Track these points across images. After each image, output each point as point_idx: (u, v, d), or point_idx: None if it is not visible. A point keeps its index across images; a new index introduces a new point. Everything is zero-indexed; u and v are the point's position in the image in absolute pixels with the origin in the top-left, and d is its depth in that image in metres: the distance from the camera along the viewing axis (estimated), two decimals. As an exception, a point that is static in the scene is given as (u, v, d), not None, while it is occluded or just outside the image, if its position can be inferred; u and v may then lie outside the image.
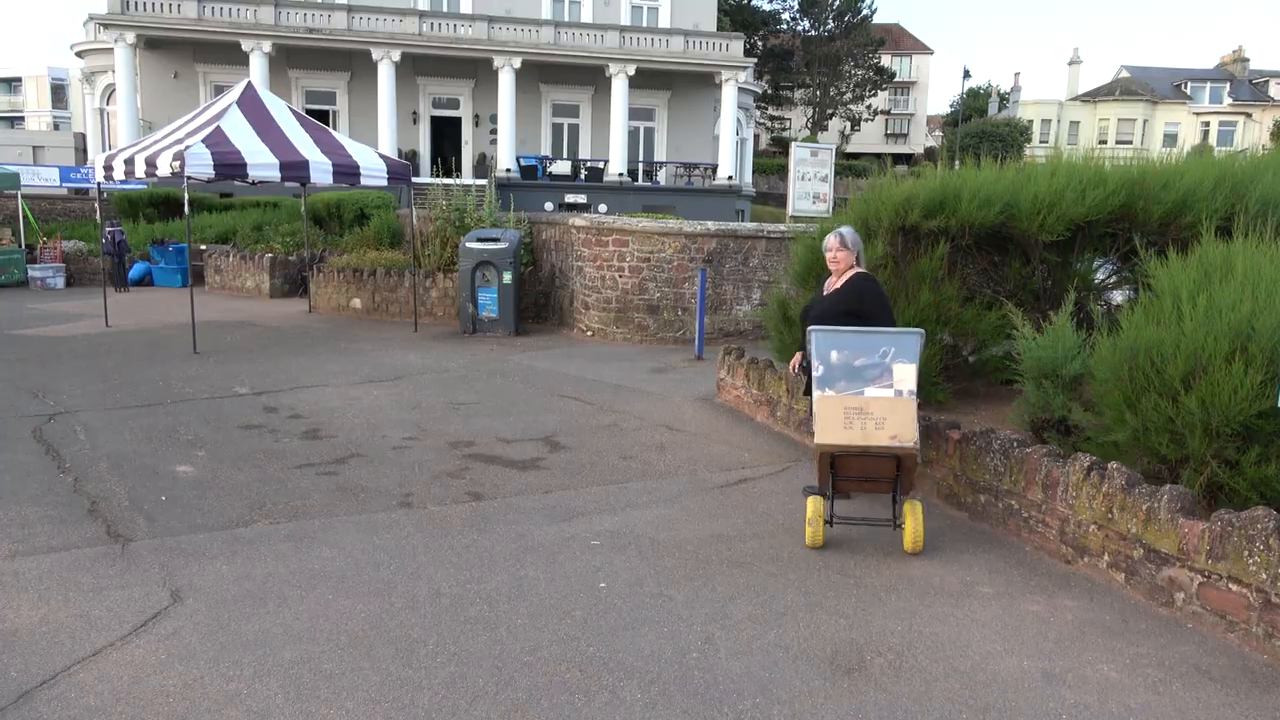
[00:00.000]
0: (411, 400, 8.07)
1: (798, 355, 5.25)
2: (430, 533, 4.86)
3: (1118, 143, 53.38)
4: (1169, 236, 6.30)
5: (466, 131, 32.34)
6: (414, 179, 13.52)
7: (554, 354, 10.77)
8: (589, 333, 11.99)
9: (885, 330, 4.64)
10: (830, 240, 5.12)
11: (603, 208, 28.34)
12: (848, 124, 53.97)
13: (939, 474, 5.43)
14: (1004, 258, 6.90)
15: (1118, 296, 7.17)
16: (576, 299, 12.36)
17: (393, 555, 4.54)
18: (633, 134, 32.75)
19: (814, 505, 4.70)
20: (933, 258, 6.59)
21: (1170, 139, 54.62)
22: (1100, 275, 7.06)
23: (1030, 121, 54.19)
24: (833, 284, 5.18)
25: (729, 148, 32.12)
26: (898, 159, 57.46)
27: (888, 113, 61.61)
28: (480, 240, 12.00)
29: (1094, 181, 6.41)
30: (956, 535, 4.96)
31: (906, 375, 4.57)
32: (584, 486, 5.73)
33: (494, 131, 31.42)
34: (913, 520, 4.59)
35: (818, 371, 4.64)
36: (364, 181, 11.72)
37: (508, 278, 11.88)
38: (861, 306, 4.95)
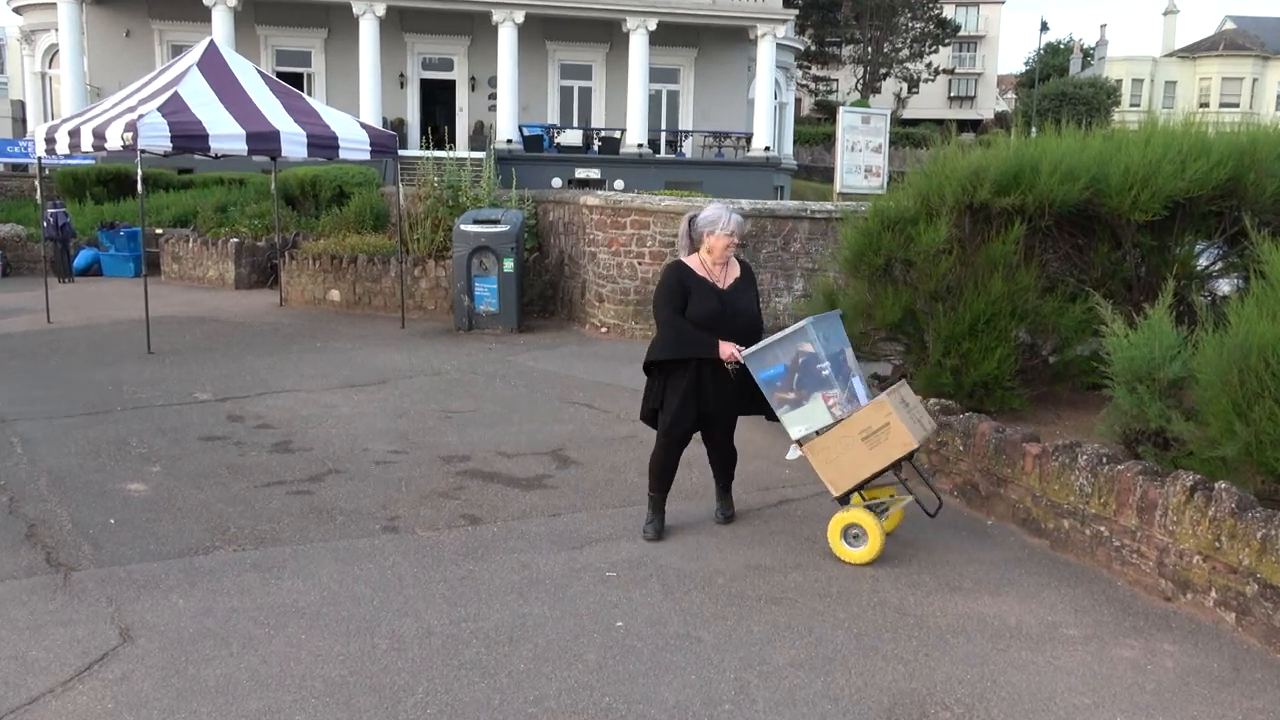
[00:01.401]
0: (398, 407, 8.09)
1: (733, 348, 4.96)
2: (419, 562, 4.85)
3: (1222, 105, 52.84)
4: (1286, 215, 6.22)
5: (461, 97, 32.45)
6: (401, 152, 13.55)
7: (562, 353, 10.76)
8: (603, 329, 11.98)
9: (795, 327, 4.85)
10: (736, 224, 5.11)
11: (619, 184, 28.35)
12: (904, 85, 53.73)
13: (1014, 495, 5.37)
14: (1090, 241, 6.83)
15: (1224, 286, 7.08)
16: (589, 290, 12.35)
17: (376, 588, 4.53)
18: (654, 99, 32.74)
19: (866, 516, 4.86)
20: (1006, 241, 6.53)
21: (1285, 101, 54.01)
22: (1203, 261, 6.98)
23: (1119, 81, 53.75)
24: (726, 275, 5.13)
25: (766, 114, 32.06)
26: (963, 125, 57.13)
27: (951, 72, 61.28)
28: (477, 222, 12.02)
29: (1195, 151, 6.34)
30: (1036, 567, 4.90)
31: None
32: (598, 508, 5.71)
33: (493, 97, 31.51)
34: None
35: (791, 409, 4.88)
36: (343, 155, 11.76)
37: (509, 265, 11.90)
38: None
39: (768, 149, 32.01)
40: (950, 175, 6.72)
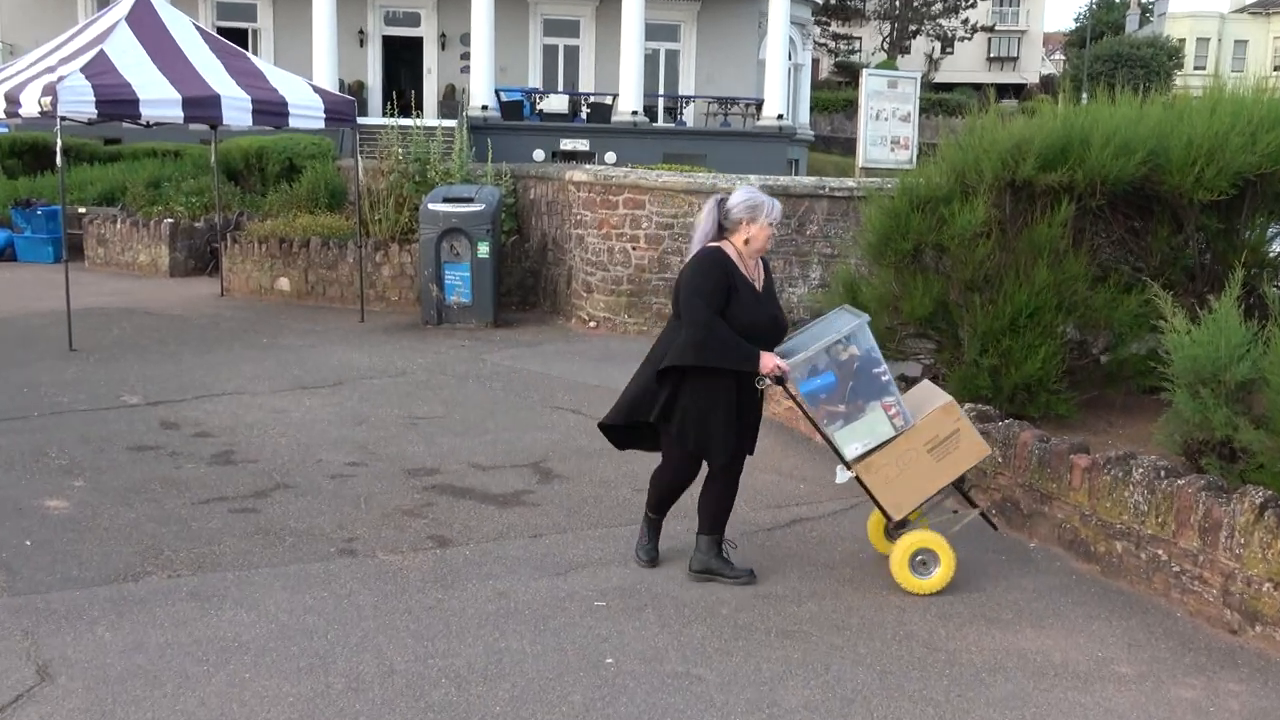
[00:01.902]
0: (356, 413, 8.09)
1: (776, 359, 4.77)
2: (380, 590, 4.86)
3: (1300, 68, 52.94)
4: (1371, 195, 6.25)
5: (430, 57, 32.42)
6: (360, 119, 13.52)
7: (545, 351, 10.77)
8: (592, 322, 12.00)
9: (846, 329, 4.79)
10: (780, 211, 4.97)
11: (610, 157, 28.36)
12: (936, 45, 53.83)
13: (1060, 513, 5.40)
14: (1147, 223, 6.86)
15: (1301, 275, 7.11)
16: (575, 278, 12.36)
17: (330, 620, 4.54)
18: (650, 59, 32.74)
19: (937, 538, 4.90)
20: (1052, 223, 6.56)
21: (1371, 63, 54.16)
22: (1277, 247, 7.01)
23: (1181, 41, 53.89)
24: (758, 272, 4.97)
25: (778, 77, 32.05)
26: (1004, 91, 57.20)
27: (991, 29, 61.42)
28: (448, 201, 12.01)
29: (1269, 121, 6.37)
30: (1084, 595, 4.92)
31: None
32: (585, 529, 5.72)
33: (466, 57, 31.49)
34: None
35: (845, 424, 4.80)
36: (294, 123, 11.72)
37: (484, 250, 11.89)
38: None
39: (780, 117, 32.00)
40: (989, 148, 6.75)
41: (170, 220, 16.69)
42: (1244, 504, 4.44)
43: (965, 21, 53.46)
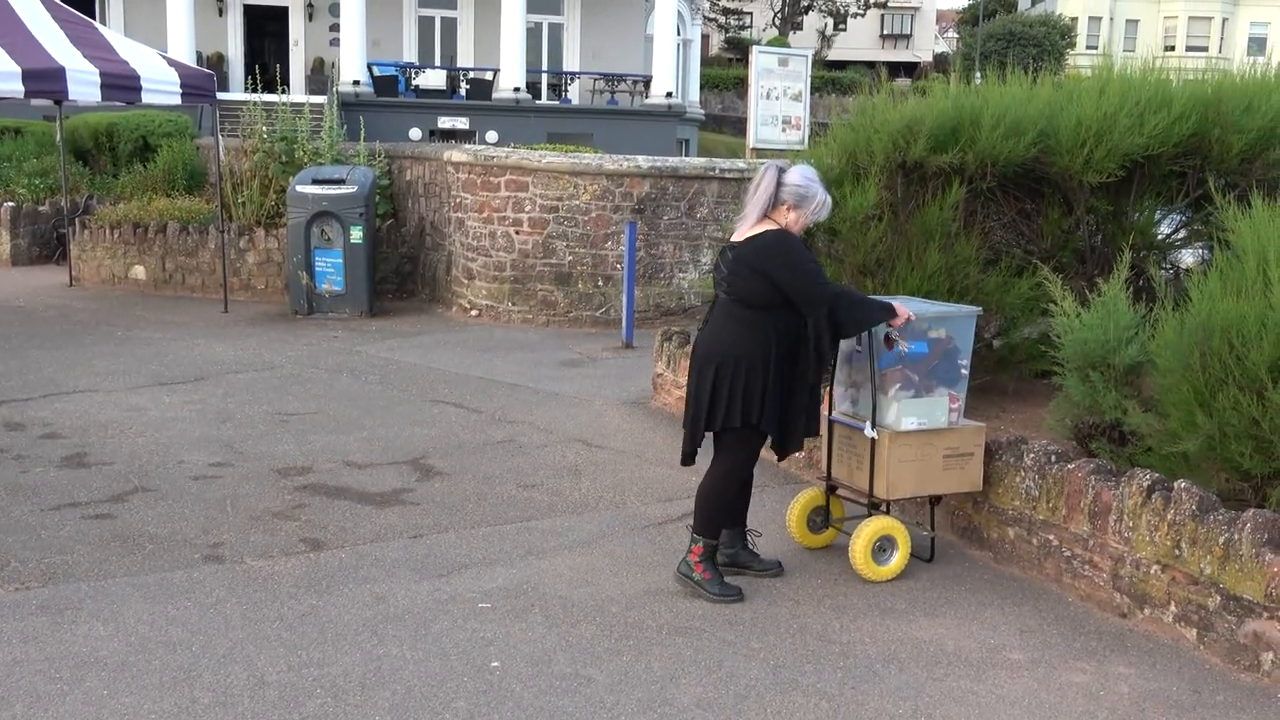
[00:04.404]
0: (220, 410, 7.95)
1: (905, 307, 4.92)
2: (249, 598, 4.80)
3: (1188, 49, 55.10)
4: (1253, 176, 6.55)
5: (296, 27, 31.79)
6: (221, 95, 13.25)
7: (424, 342, 10.70)
8: (474, 311, 11.95)
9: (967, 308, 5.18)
10: (827, 209, 4.93)
11: (492, 136, 28.20)
12: (829, 21, 54.63)
13: (953, 500, 5.56)
14: (1038, 206, 7.08)
15: (1188, 257, 7.42)
16: (456, 265, 12.30)
17: (196, 631, 4.47)
18: (533, 33, 32.60)
19: (899, 525, 5.13)
20: (943, 206, 6.73)
21: (1258, 44, 56.62)
22: (1164, 229, 7.29)
23: (1074, 20, 55.58)
24: None
25: (668, 53, 32.22)
26: (897, 69, 58.43)
27: (884, 5, 62.48)
28: (317, 182, 11.87)
29: (1156, 103, 6.61)
30: (977, 583, 5.09)
31: None
32: (468, 528, 5.72)
33: (335, 28, 30.95)
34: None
35: (915, 395, 4.99)
36: (147, 98, 11.48)
37: (357, 235, 11.77)
38: None
39: (670, 95, 32.17)
40: (880, 129, 6.88)
41: (11, 204, 16.20)
42: (1132, 487, 4.63)
43: (859, -2, 54.40)
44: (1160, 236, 7.25)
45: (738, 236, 4.88)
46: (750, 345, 4.74)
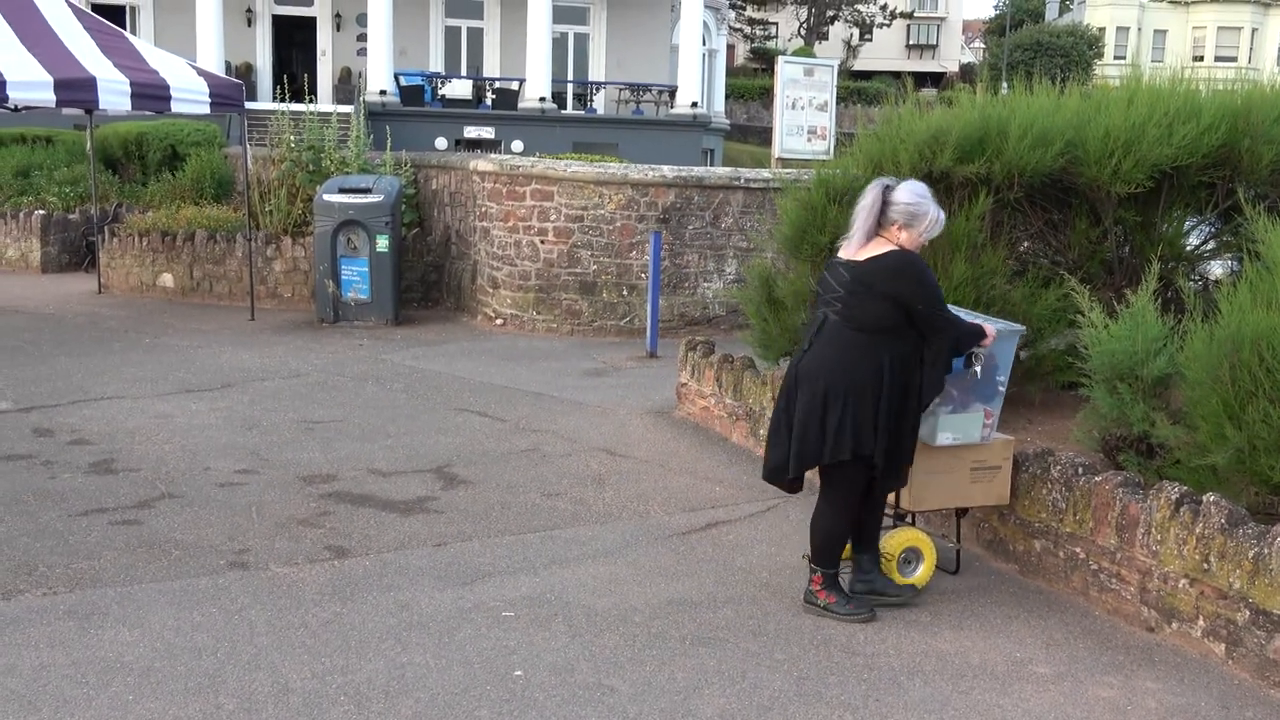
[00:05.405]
0: (247, 418, 7.99)
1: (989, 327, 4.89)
2: (274, 605, 4.82)
3: (1217, 59, 54.77)
4: (1285, 188, 6.50)
5: (324, 38, 31.98)
6: (249, 104, 13.37)
7: (449, 350, 10.72)
8: (498, 320, 11.97)
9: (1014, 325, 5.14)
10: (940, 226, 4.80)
11: (517, 146, 28.29)
12: (855, 31, 54.57)
13: (979, 512, 5.54)
14: (1065, 216, 7.05)
15: (1217, 268, 7.36)
16: (481, 274, 12.32)
17: (220, 637, 4.49)
18: (559, 43, 32.69)
19: (925, 537, 5.10)
20: (970, 216, 6.70)
21: (1288, 54, 56.22)
22: (1193, 240, 7.24)
23: (1101, 30, 55.36)
24: None
25: (693, 63, 32.23)
26: (923, 79, 58.26)
27: (910, 16, 62.47)
28: (344, 191, 11.91)
29: (1185, 113, 6.56)
30: (1003, 596, 5.06)
31: None
32: (492, 536, 5.72)
33: (363, 38, 31.13)
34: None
35: (953, 411, 4.97)
36: (176, 107, 11.57)
37: (383, 244, 11.81)
38: None
39: (695, 105, 32.18)
40: (906, 139, 6.87)
41: (42, 212, 16.32)
42: (1160, 500, 4.60)
43: (884, 8, 54.27)
44: (1189, 248, 7.19)
45: (848, 254, 4.71)
46: (865, 372, 4.58)
